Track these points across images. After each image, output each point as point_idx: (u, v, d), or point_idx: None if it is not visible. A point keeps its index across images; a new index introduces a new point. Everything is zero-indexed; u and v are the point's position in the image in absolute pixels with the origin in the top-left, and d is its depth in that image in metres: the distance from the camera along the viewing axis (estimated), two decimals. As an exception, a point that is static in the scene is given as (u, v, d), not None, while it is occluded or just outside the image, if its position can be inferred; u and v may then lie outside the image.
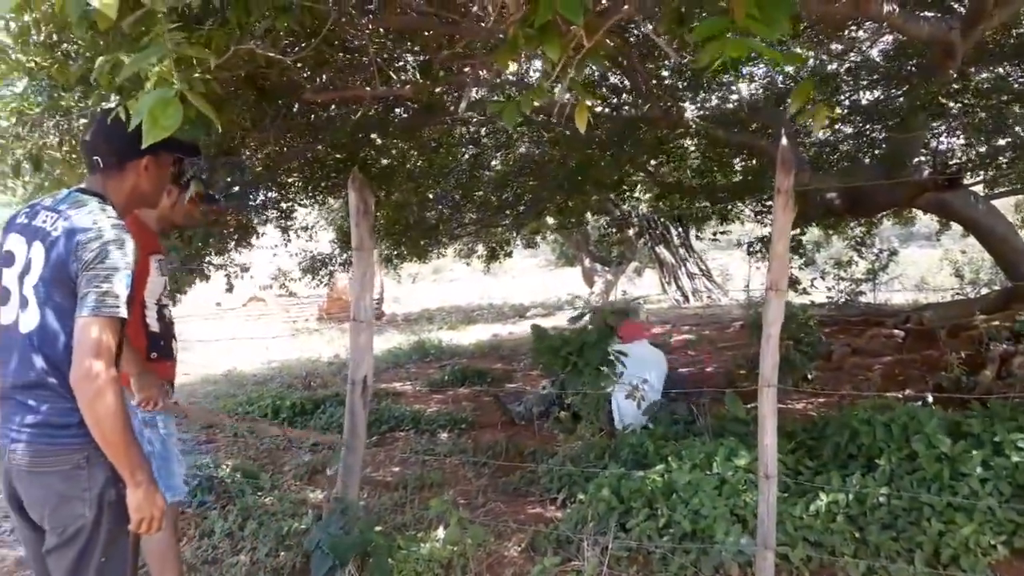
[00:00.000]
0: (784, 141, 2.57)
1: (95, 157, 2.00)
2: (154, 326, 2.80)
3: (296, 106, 4.91)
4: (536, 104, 1.87)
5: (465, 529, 3.42)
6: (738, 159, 8.26)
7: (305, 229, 8.27)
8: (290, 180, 6.92)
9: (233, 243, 6.42)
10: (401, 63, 3.87)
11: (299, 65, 2.97)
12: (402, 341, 11.32)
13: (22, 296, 1.87)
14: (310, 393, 7.64)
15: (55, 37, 2.29)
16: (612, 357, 4.76)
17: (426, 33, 3.51)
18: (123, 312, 1.80)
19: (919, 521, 3.19)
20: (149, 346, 2.77)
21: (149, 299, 2.77)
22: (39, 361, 1.84)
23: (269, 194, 7.10)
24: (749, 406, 4.27)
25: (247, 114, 2.91)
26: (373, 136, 6.14)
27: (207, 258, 6.39)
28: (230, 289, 6.62)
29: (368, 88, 3.29)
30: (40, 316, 1.84)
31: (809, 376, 5.95)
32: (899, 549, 3.13)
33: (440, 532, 3.57)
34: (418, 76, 3.74)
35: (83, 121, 3.04)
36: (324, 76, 3.68)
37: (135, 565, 2.10)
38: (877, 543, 3.16)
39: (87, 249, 1.79)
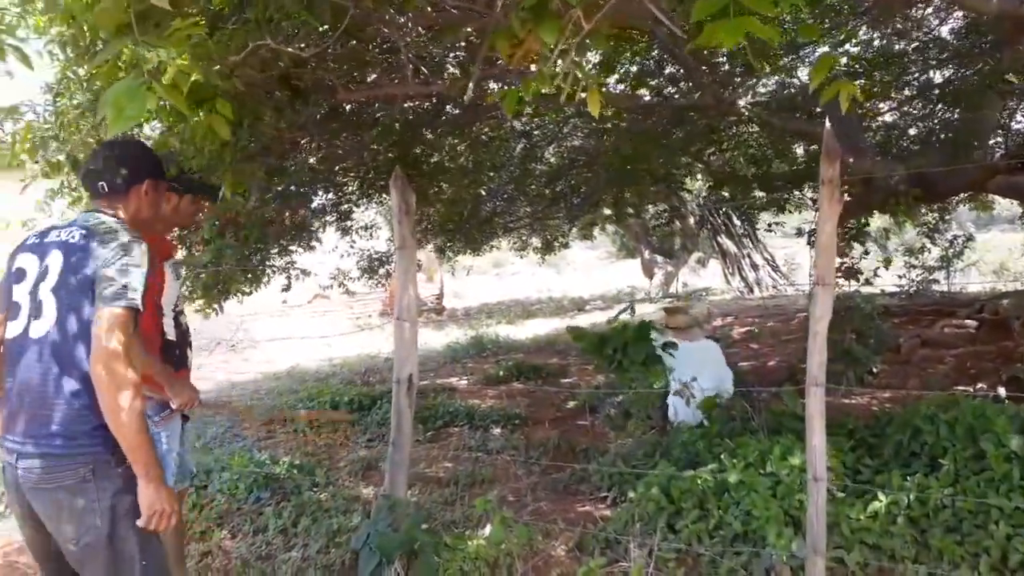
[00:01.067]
0: (828, 126, 2.44)
1: (100, 183, 2.11)
2: (170, 334, 2.78)
3: (348, 107, 4.97)
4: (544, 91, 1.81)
5: (510, 528, 3.39)
6: (799, 146, 8.00)
7: (366, 228, 8.38)
8: (345, 181, 7.01)
9: (285, 243, 6.53)
10: (437, 60, 3.85)
11: (334, 64, 2.98)
12: (460, 336, 11.38)
13: (36, 303, 1.94)
14: (368, 389, 7.74)
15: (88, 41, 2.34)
16: (659, 352, 4.66)
17: (465, 29, 3.47)
18: (139, 303, 1.89)
19: (986, 524, 3.02)
20: (164, 354, 2.76)
21: (166, 306, 2.76)
22: (47, 364, 1.89)
23: (327, 195, 7.22)
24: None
25: (281, 114, 2.94)
26: (425, 133, 6.16)
27: (268, 260, 6.54)
28: (287, 288, 6.75)
29: (403, 86, 3.28)
30: (56, 318, 1.91)
31: (874, 370, 5.72)
32: (963, 554, 2.97)
33: (487, 530, 3.56)
34: (457, 73, 3.72)
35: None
36: (365, 76, 3.69)
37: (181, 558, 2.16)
38: (940, 547, 3.00)
39: (106, 248, 1.91)
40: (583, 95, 1.98)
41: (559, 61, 1.61)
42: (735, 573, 3.11)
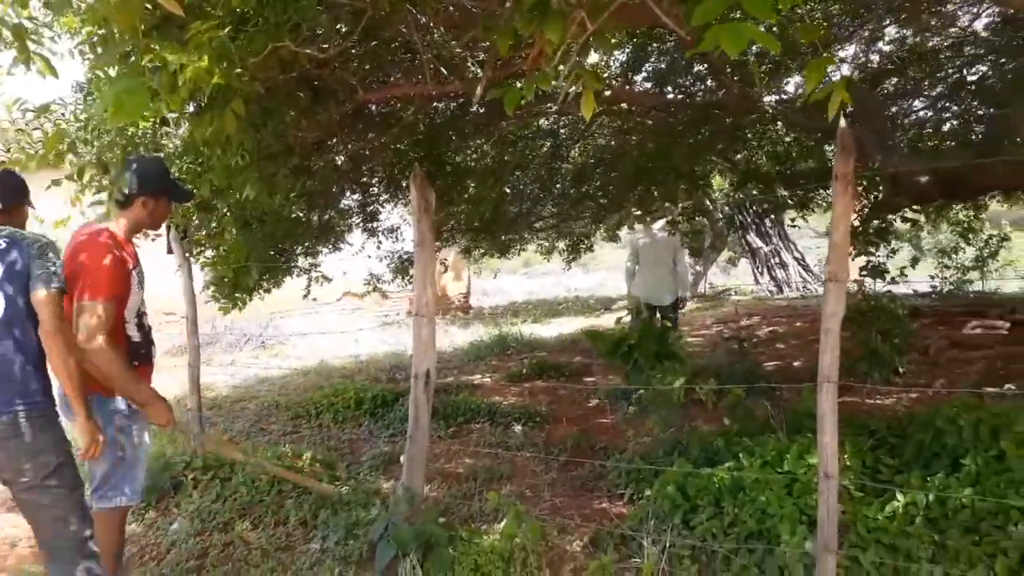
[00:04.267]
0: (842, 122, 2.44)
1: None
2: (135, 336, 3.05)
3: (373, 107, 5.01)
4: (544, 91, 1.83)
5: (523, 522, 3.42)
6: (830, 145, 7.91)
7: (391, 231, 8.41)
8: (371, 182, 7.06)
9: (311, 243, 6.58)
10: (456, 60, 3.88)
11: (355, 65, 3.03)
12: (485, 334, 11.42)
13: None
14: (392, 385, 7.81)
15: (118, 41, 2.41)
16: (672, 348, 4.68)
17: (477, 29, 3.50)
18: (64, 286, 2.47)
19: (1004, 525, 2.97)
20: (130, 355, 2.99)
21: (129, 314, 3.00)
22: (6, 339, 2.40)
23: (353, 196, 7.28)
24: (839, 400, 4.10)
25: (303, 115, 2.99)
26: (449, 133, 6.20)
27: (294, 260, 6.60)
28: (307, 294, 6.74)
29: (421, 86, 3.32)
30: (6, 304, 2.42)
31: (900, 370, 5.64)
32: (981, 554, 2.92)
33: (503, 524, 3.59)
34: (479, 73, 3.75)
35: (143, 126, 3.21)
36: (387, 76, 3.74)
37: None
38: (957, 548, 2.96)
39: (32, 248, 2.46)
40: (606, 93, 2.00)
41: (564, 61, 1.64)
42: (748, 570, 3.11)
